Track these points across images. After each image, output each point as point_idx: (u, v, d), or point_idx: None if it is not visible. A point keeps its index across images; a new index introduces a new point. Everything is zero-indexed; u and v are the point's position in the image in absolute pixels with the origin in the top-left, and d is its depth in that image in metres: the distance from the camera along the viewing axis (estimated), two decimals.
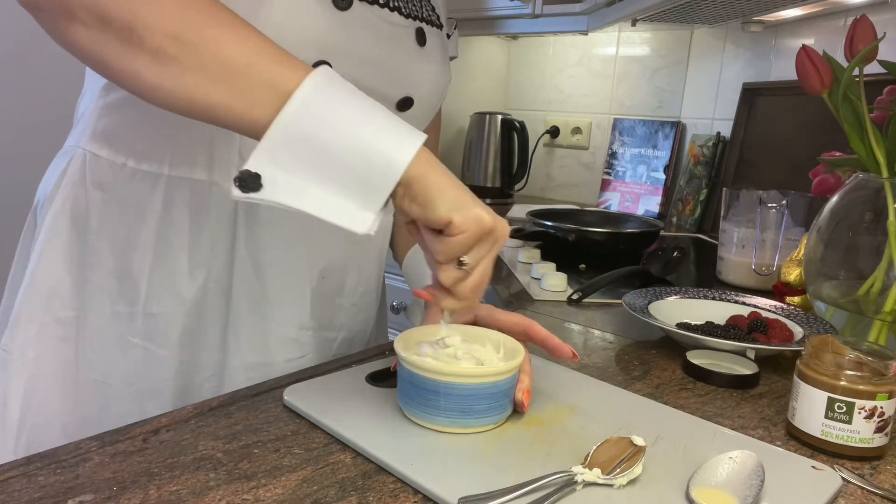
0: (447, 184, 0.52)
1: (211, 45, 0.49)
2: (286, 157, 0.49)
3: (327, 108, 0.49)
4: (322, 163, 0.50)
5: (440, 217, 0.51)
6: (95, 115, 0.68)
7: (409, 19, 0.72)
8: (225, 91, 0.50)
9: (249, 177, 0.49)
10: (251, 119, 0.50)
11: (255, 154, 0.49)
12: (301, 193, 0.50)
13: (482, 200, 0.54)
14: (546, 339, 0.63)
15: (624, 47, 2.07)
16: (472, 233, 0.52)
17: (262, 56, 0.50)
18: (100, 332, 0.66)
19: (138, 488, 0.46)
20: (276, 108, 0.49)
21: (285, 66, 0.50)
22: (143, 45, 0.49)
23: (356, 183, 0.50)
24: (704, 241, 1.63)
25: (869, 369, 0.57)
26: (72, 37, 0.50)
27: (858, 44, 0.79)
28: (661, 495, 0.48)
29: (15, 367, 0.66)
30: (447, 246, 0.52)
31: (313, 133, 0.49)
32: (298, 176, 0.50)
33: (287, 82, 0.49)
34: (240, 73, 0.49)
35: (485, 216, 0.52)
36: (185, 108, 0.51)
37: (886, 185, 0.77)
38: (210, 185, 0.66)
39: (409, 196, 0.52)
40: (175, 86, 0.50)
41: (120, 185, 0.66)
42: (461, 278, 0.54)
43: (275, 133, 0.49)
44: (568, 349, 0.62)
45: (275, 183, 0.49)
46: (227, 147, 0.66)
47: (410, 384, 0.56)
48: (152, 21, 0.48)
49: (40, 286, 0.66)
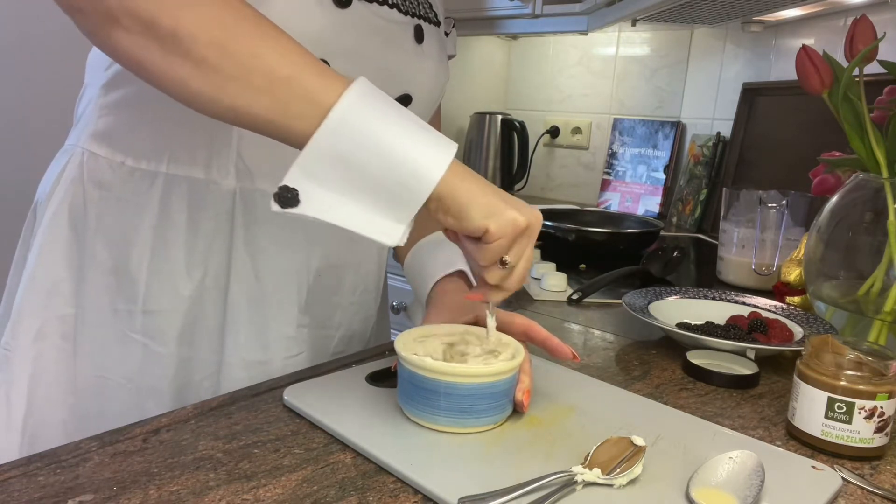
0: (477, 192, 0.53)
1: (253, 55, 0.50)
2: (322, 173, 0.50)
3: (364, 125, 0.50)
4: (356, 178, 0.50)
5: (476, 227, 0.52)
6: (95, 114, 0.68)
7: (408, 16, 0.72)
8: (266, 102, 0.50)
9: (289, 192, 0.50)
10: (291, 131, 0.51)
11: (292, 169, 0.50)
12: (335, 208, 0.51)
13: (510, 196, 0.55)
14: (546, 339, 0.63)
15: (624, 47, 2.07)
16: (509, 237, 0.53)
17: (302, 67, 0.51)
18: (99, 329, 0.67)
19: (138, 488, 0.46)
20: (315, 121, 0.49)
21: (324, 78, 0.51)
22: (188, 53, 0.49)
23: (388, 197, 0.51)
24: (704, 241, 1.63)
25: (869, 369, 0.57)
26: (114, 42, 0.50)
27: (858, 44, 0.79)
28: (661, 495, 0.48)
29: (17, 365, 0.66)
30: (487, 253, 0.54)
31: (349, 150, 0.50)
32: (333, 190, 0.51)
33: (326, 96, 0.50)
34: (281, 84, 0.50)
35: (518, 218, 0.53)
36: (225, 116, 0.52)
37: (886, 185, 0.77)
38: (208, 184, 0.67)
39: (442, 209, 0.53)
40: (217, 94, 0.50)
41: (118, 184, 0.66)
42: (506, 276, 0.56)
43: (313, 149, 0.49)
44: (568, 350, 0.62)
45: (310, 198, 0.50)
46: (226, 146, 0.66)
47: (410, 384, 0.56)
48: (196, 29, 0.49)
49: (40, 284, 0.67)
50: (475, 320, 0.66)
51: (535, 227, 0.55)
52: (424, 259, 0.76)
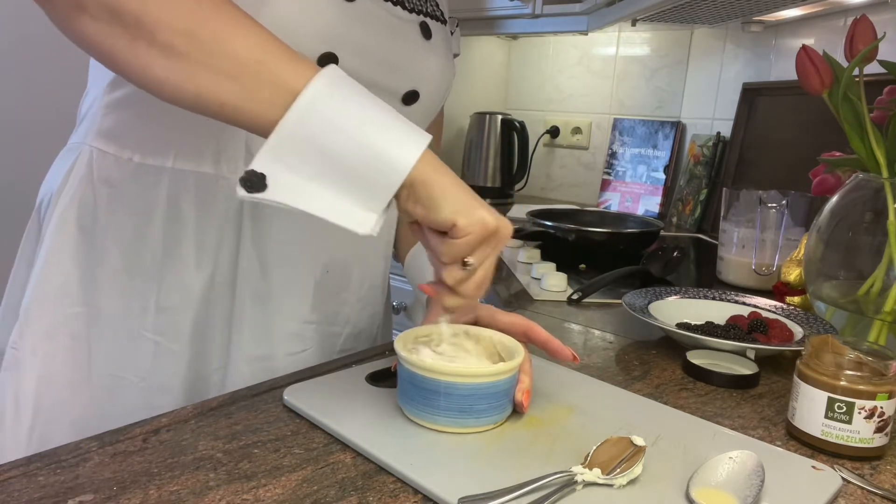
0: (451, 186, 0.52)
1: (221, 41, 0.49)
2: (291, 158, 0.49)
3: (333, 110, 0.49)
4: (326, 164, 0.50)
5: (444, 220, 0.52)
6: (101, 112, 0.68)
7: (414, 13, 0.72)
8: (233, 88, 0.50)
9: (255, 177, 0.49)
10: (258, 117, 0.50)
11: (260, 154, 0.49)
12: (304, 194, 0.50)
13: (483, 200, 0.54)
14: (546, 341, 0.63)
15: (624, 47, 2.07)
16: (477, 235, 0.52)
17: (270, 54, 0.50)
18: (111, 328, 0.67)
19: (138, 488, 0.46)
20: (284, 107, 0.49)
21: (294, 64, 0.50)
22: (153, 39, 0.49)
23: (360, 184, 0.51)
24: (704, 241, 1.63)
25: (869, 369, 0.57)
26: (80, 29, 0.50)
27: (858, 44, 0.79)
28: (661, 495, 0.48)
29: (26, 364, 0.66)
30: (451, 248, 0.53)
31: (319, 134, 0.49)
32: (303, 176, 0.50)
33: (295, 81, 0.49)
34: (248, 70, 0.49)
35: (488, 218, 0.52)
36: (192, 104, 0.51)
37: (886, 185, 0.77)
38: (217, 179, 0.67)
39: (412, 198, 0.52)
40: (183, 81, 0.50)
41: (126, 181, 0.66)
42: (465, 278, 0.54)
43: (281, 133, 0.49)
44: (568, 352, 0.62)
45: (279, 183, 0.50)
46: (235, 140, 0.66)
47: (410, 384, 0.56)
48: (162, 15, 0.48)
49: (49, 283, 0.66)
50: (475, 321, 0.65)
51: (503, 235, 0.54)
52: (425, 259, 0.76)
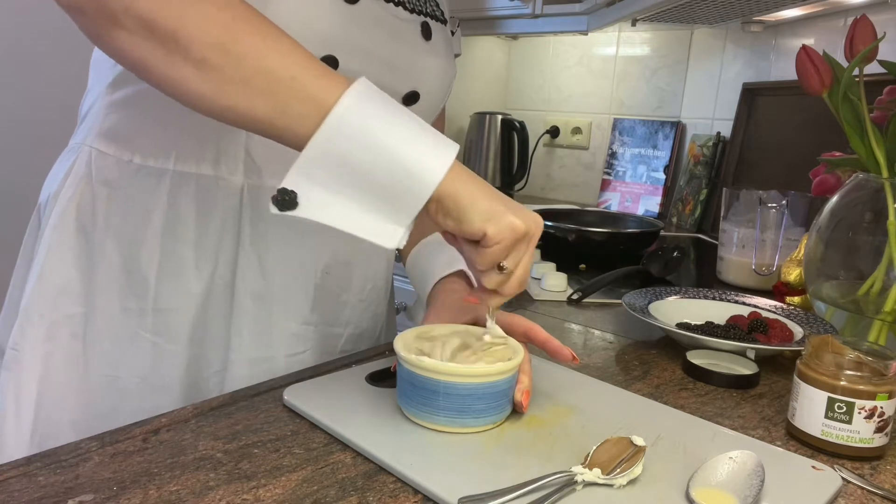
0: (478, 195, 0.52)
1: (255, 56, 0.50)
2: (322, 175, 0.50)
3: (363, 126, 0.50)
4: (356, 180, 0.50)
5: (475, 230, 0.52)
6: (102, 112, 0.68)
7: (414, 14, 0.72)
8: (266, 103, 0.50)
9: (287, 194, 0.50)
10: (291, 132, 0.51)
11: (292, 171, 0.50)
12: (335, 210, 0.51)
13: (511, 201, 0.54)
14: (546, 341, 0.63)
15: (624, 47, 2.07)
16: (508, 241, 0.53)
17: (304, 69, 0.50)
18: (110, 328, 0.67)
19: (138, 488, 0.46)
20: (315, 122, 0.49)
21: (326, 79, 0.51)
22: (188, 54, 0.49)
23: (388, 199, 0.51)
24: (704, 241, 1.63)
25: (869, 369, 0.57)
26: (115, 42, 0.50)
27: (858, 44, 0.79)
28: (661, 495, 0.48)
29: (26, 364, 0.66)
30: (485, 256, 0.53)
31: (349, 151, 0.50)
32: (332, 192, 0.51)
33: (326, 97, 0.49)
34: (281, 85, 0.50)
35: (517, 223, 0.53)
36: (226, 117, 0.52)
37: (886, 185, 0.77)
38: (216, 181, 0.67)
39: (441, 211, 0.52)
40: (217, 95, 0.50)
41: (126, 182, 0.67)
42: (504, 280, 0.55)
43: (312, 151, 0.49)
44: (568, 352, 0.62)
45: (309, 199, 0.50)
46: (234, 143, 0.66)
47: (410, 384, 0.56)
48: (197, 30, 0.49)
49: (49, 283, 0.66)
50: (475, 320, 0.65)
51: (535, 233, 0.55)
52: (426, 259, 0.76)
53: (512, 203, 0.54)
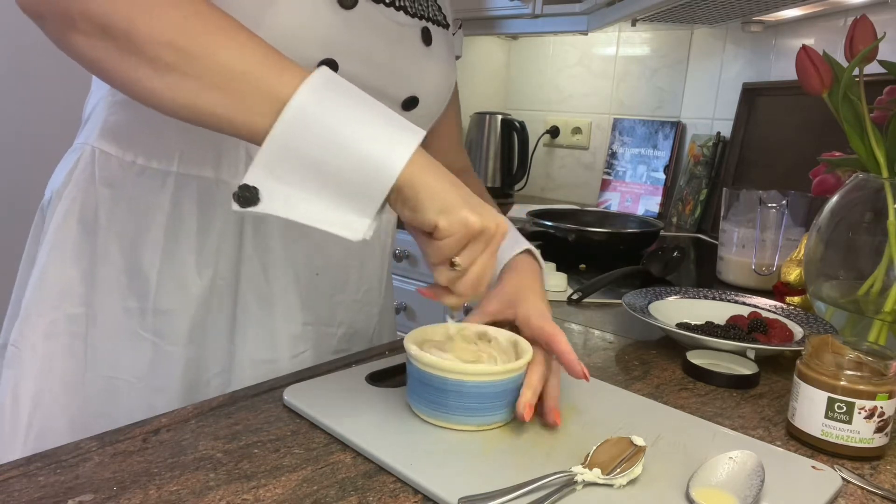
0: (438, 187, 0.51)
1: (208, 52, 0.50)
2: (282, 169, 0.50)
3: (320, 118, 0.49)
4: (317, 173, 0.50)
5: (427, 221, 0.51)
6: (104, 112, 0.68)
7: (415, 18, 0.72)
8: (223, 99, 0.50)
9: (248, 191, 0.49)
10: (249, 128, 0.50)
11: (252, 167, 0.49)
12: (297, 205, 0.50)
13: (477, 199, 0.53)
14: (562, 353, 0.59)
15: (624, 47, 2.07)
16: (459, 236, 0.51)
17: (258, 63, 0.50)
18: (110, 328, 0.67)
19: (138, 488, 0.46)
20: (273, 116, 0.49)
21: (281, 72, 0.50)
22: (142, 53, 0.49)
23: (351, 191, 0.51)
24: (704, 241, 1.63)
25: (869, 369, 0.57)
26: (73, 45, 0.51)
27: (858, 44, 0.79)
28: (661, 495, 0.48)
29: (26, 363, 0.66)
30: (435, 249, 0.52)
31: (307, 145, 0.49)
32: (294, 187, 0.50)
33: (283, 90, 0.49)
34: (236, 80, 0.50)
35: (471, 218, 0.51)
36: (185, 115, 0.52)
37: (886, 185, 0.77)
38: (217, 183, 0.67)
39: (400, 200, 0.52)
40: (174, 93, 0.50)
41: (129, 183, 0.67)
42: (457, 278, 0.54)
43: (271, 145, 0.49)
44: (580, 370, 0.59)
45: (272, 195, 0.50)
46: (234, 145, 0.66)
47: (420, 382, 0.56)
48: (150, 30, 0.49)
49: (50, 283, 0.66)
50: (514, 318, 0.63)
51: (495, 234, 0.53)
52: None
53: (474, 199, 0.53)
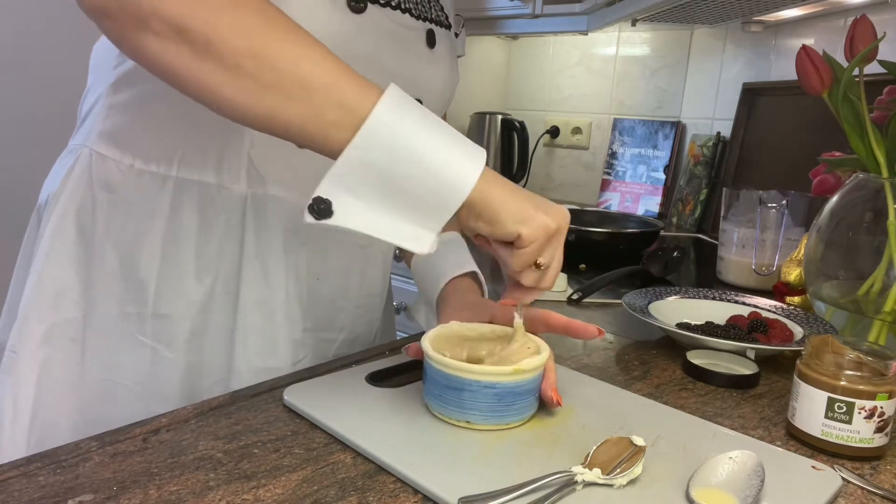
0: (509, 198, 0.53)
1: (289, 63, 0.49)
2: (355, 183, 0.50)
3: (396, 135, 0.50)
4: (389, 188, 0.50)
5: (509, 233, 0.53)
6: (102, 114, 0.68)
7: (420, 21, 0.72)
8: (300, 110, 0.50)
9: (322, 203, 0.50)
10: (324, 140, 0.50)
11: (327, 179, 0.50)
12: (368, 217, 0.51)
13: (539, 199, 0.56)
14: (568, 324, 0.64)
15: (624, 47, 2.07)
16: (542, 241, 0.54)
17: (338, 76, 0.50)
18: (108, 333, 0.66)
19: (138, 488, 0.46)
20: (350, 130, 0.49)
21: (359, 86, 0.50)
22: (222, 59, 0.48)
23: (421, 206, 0.51)
24: (704, 241, 1.63)
25: (869, 369, 0.57)
26: (142, 47, 0.49)
27: (858, 44, 0.79)
28: (661, 495, 0.48)
29: (24, 368, 0.66)
30: (521, 257, 0.55)
31: (382, 159, 0.50)
32: (366, 200, 0.51)
33: (360, 104, 0.49)
34: (316, 93, 0.49)
35: (549, 222, 0.54)
36: (258, 124, 0.52)
37: (886, 185, 0.77)
38: (219, 188, 0.67)
39: (473, 216, 0.53)
40: (251, 102, 0.50)
41: (127, 186, 0.66)
42: (540, 277, 0.57)
43: (346, 159, 0.49)
44: (593, 328, 0.63)
45: (345, 208, 0.50)
46: (237, 151, 0.66)
47: (439, 383, 0.56)
48: (231, 36, 0.48)
49: (47, 287, 0.66)
50: (491, 319, 0.66)
51: (564, 228, 0.56)
52: (434, 259, 0.76)
53: (540, 201, 0.55)
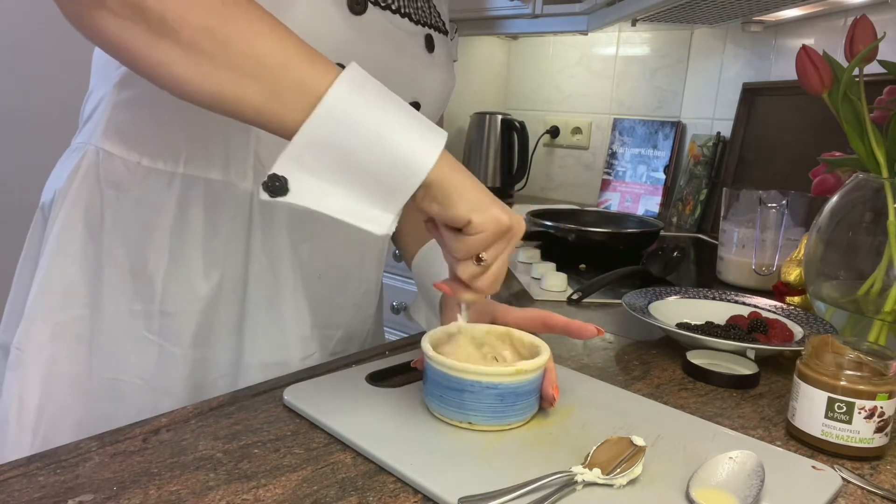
0: (467, 185, 0.53)
1: (246, 41, 0.49)
2: (313, 161, 0.50)
3: (354, 114, 0.50)
4: (347, 167, 0.50)
5: (460, 217, 0.52)
6: (108, 112, 0.68)
7: (419, 26, 0.72)
8: (256, 89, 0.49)
9: (277, 180, 0.50)
10: (280, 119, 0.50)
11: (282, 157, 0.49)
12: (325, 197, 0.51)
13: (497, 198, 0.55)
14: (567, 324, 0.64)
15: (624, 47, 2.07)
16: (491, 232, 0.53)
17: (295, 55, 0.50)
18: (115, 330, 0.66)
19: (138, 488, 0.46)
20: (306, 110, 0.49)
21: (316, 66, 0.50)
22: (177, 37, 0.48)
23: (380, 187, 0.51)
24: (704, 241, 1.63)
25: (869, 369, 0.57)
26: (98, 24, 0.49)
27: (858, 44, 0.79)
28: (661, 495, 0.48)
29: (30, 365, 0.66)
30: (466, 244, 0.54)
31: (341, 139, 0.49)
32: (324, 179, 0.50)
33: (318, 84, 0.49)
34: (272, 71, 0.49)
35: (502, 216, 0.53)
36: (211, 103, 0.51)
37: (886, 185, 0.77)
38: (225, 185, 0.67)
39: (429, 197, 0.53)
40: (205, 80, 0.49)
41: (134, 184, 0.66)
42: (479, 273, 0.55)
43: (303, 138, 0.49)
44: (592, 328, 0.63)
45: (301, 186, 0.50)
46: (244, 147, 0.66)
47: (439, 384, 0.56)
48: (187, 13, 0.48)
49: (54, 285, 0.66)
50: (493, 319, 0.66)
51: (517, 232, 0.55)
52: (437, 259, 0.76)
53: (497, 199, 0.55)
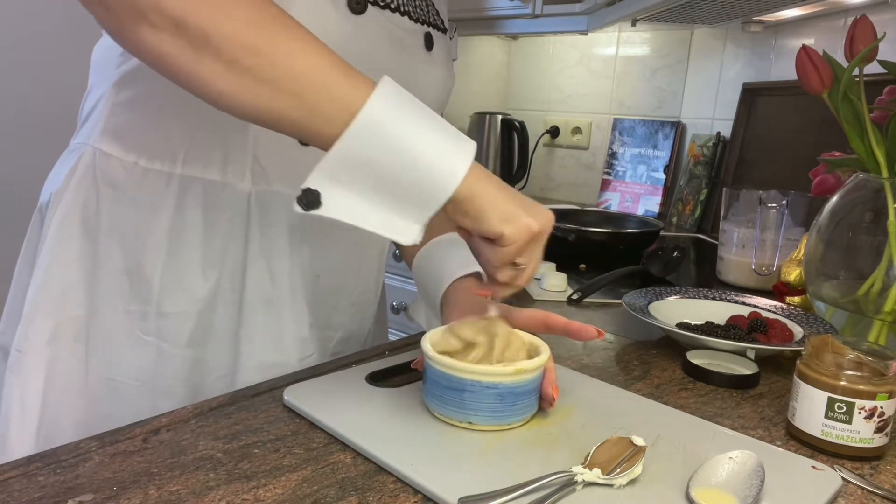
0: (496, 196, 0.53)
1: (285, 58, 0.50)
2: (346, 176, 0.50)
3: (388, 130, 0.50)
4: (378, 181, 0.51)
5: (492, 230, 0.53)
6: (106, 112, 0.68)
7: (419, 24, 0.72)
8: (294, 104, 0.50)
9: (310, 194, 0.50)
10: (317, 132, 0.51)
11: (316, 171, 0.50)
12: (356, 209, 0.52)
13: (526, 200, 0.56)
14: (567, 325, 0.64)
15: (624, 47, 2.07)
16: (523, 241, 0.54)
17: (333, 69, 0.51)
18: (112, 331, 0.67)
19: (138, 488, 0.46)
20: (343, 123, 0.49)
21: (352, 80, 0.51)
22: (218, 53, 0.49)
23: (409, 198, 0.52)
24: (704, 241, 1.63)
25: (869, 369, 0.57)
26: (139, 38, 0.50)
27: (858, 44, 0.79)
28: (661, 495, 0.48)
29: (30, 367, 0.66)
30: (500, 255, 0.55)
31: (374, 153, 0.50)
32: (355, 192, 0.51)
33: (353, 98, 0.50)
34: (310, 88, 0.50)
35: (532, 224, 0.54)
36: (251, 117, 0.52)
37: (886, 185, 0.77)
38: (223, 186, 0.67)
39: (460, 211, 0.53)
40: (244, 96, 0.50)
41: (132, 184, 0.66)
42: (517, 276, 0.57)
43: (338, 152, 0.50)
44: (592, 329, 0.63)
45: (333, 199, 0.51)
46: (241, 148, 0.66)
47: (439, 384, 0.56)
48: (229, 30, 0.49)
49: (53, 286, 0.66)
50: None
51: (547, 231, 0.56)
52: (440, 259, 0.76)
53: (526, 202, 0.55)
